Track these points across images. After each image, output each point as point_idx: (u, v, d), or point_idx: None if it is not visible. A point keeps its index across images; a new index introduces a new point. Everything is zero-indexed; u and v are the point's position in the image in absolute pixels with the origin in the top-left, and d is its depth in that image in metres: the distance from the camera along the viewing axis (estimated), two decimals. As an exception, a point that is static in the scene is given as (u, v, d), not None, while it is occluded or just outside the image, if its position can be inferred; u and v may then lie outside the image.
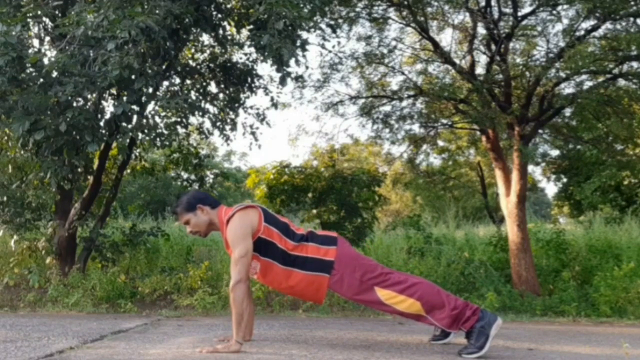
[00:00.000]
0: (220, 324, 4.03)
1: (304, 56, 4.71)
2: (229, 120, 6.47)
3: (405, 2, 6.16)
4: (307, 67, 7.56)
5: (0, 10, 4.51)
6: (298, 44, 4.55)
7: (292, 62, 4.50)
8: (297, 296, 3.20)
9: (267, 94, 6.39)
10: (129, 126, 4.80)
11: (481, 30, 6.43)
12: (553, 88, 6.00)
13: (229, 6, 5.38)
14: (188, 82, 6.19)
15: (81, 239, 5.94)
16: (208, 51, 6.59)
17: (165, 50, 4.78)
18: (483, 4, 6.24)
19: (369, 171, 6.87)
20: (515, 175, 6.08)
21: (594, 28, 5.82)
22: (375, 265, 3.02)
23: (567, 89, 6.29)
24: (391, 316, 4.89)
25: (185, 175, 7.60)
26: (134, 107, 4.80)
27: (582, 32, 5.83)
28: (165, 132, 5.22)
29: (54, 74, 4.32)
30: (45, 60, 4.53)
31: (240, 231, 2.85)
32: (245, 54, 6.34)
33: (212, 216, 3.02)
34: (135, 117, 4.98)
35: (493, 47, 6.15)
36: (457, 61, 6.52)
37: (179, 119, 5.68)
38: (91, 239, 5.82)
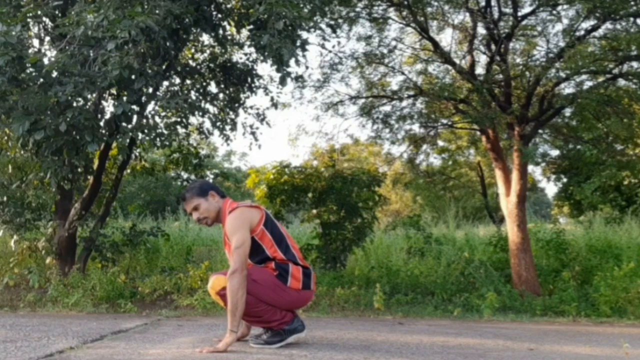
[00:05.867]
0: (220, 324, 4.03)
1: (304, 56, 4.72)
2: (229, 120, 6.47)
3: (405, 2, 6.16)
4: (307, 67, 7.59)
5: (0, 10, 4.50)
6: (298, 44, 4.55)
7: (292, 62, 4.51)
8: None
9: (267, 94, 6.40)
10: (129, 126, 4.80)
11: (481, 30, 6.44)
12: (553, 88, 6.00)
13: (229, 6, 5.38)
14: (188, 82, 6.19)
15: (81, 239, 5.94)
16: (208, 51, 6.59)
17: (165, 50, 4.78)
18: (483, 4, 6.24)
19: (369, 171, 6.86)
20: (515, 175, 6.08)
21: (594, 28, 5.82)
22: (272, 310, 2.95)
23: (567, 89, 6.30)
24: (391, 316, 4.90)
25: (185, 175, 7.61)
26: (134, 107, 4.80)
27: (582, 32, 5.84)
28: (165, 132, 5.22)
29: (54, 74, 4.32)
30: (45, 60, 4.53)
31: (238, 223, 2.89)
32: (245, 54, 6.35)
33: (219, 205, 3.05)
34: (135, 117, 4.98)
35: (493, 47, 6.15)
36: (457, 61, 6.52)
37: (179, 119, 5.68)
38: (91, 239, 5.83)
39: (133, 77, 4.43)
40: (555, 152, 8.47)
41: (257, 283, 2.87)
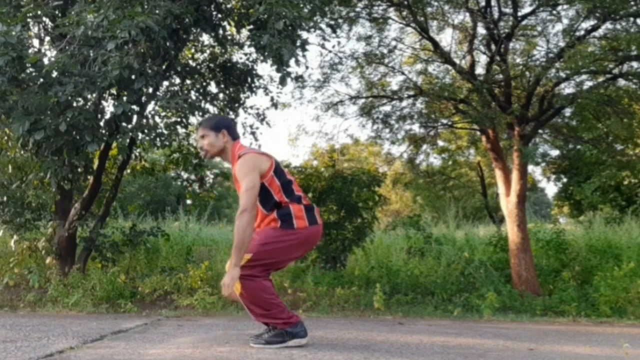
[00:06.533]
0: (221, 324, 4.03)
1: (304, 56, 4.72)
2: (229, 120, 6.46)
3: (405, 2, 6.16)
4: (307, 67, 7.61)
5: (0, 10, 4.51)
6: (298, 44, 4.56)
7: (292, 62, 4.51)
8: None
9: (267, 94, 6.40)
10: (129, 126, 4.80)
11: (481, 30, 6.44)
12: (553, 88, 6.00)
13: (229, 6, 5.38)
14: (188, 82, 6.19)
15: (81, 239, 5.94)
16: (208, 51, 6.59)
17: (165, 50, 4.78)
18: (483, 4, 6.24)
19: (369, 171, 6.86)
20: (515, 175, 6.08)
21: (594, 28, 5.82)
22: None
23: (567, 89, 6.30)
24: (391, 316, 4.90)
25: (185, 175, 7.60)
26: (134, 107, 4.80)
27: (582, 32, 5.83)
28: (165, 132, 5.23)
29: (54, 74, 4.32)
30: (45, 60, 4.53)
31: (248, 168, 2.93)
32: (245, 54, 6.35)
33: (228, 145, 3.11)
34: (135, 117, 4.98)
35: (493, 47, 6.15)
36: (457, 61, 6.52)
37: (179, 119, 5.68)
38: (91, 239, 5.82)
39: (133, 77, 4.43)
40: (555, 152, 8.47)
41: (268, 244, 2.89)
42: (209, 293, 5.08)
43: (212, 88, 6.29)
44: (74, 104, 4.48)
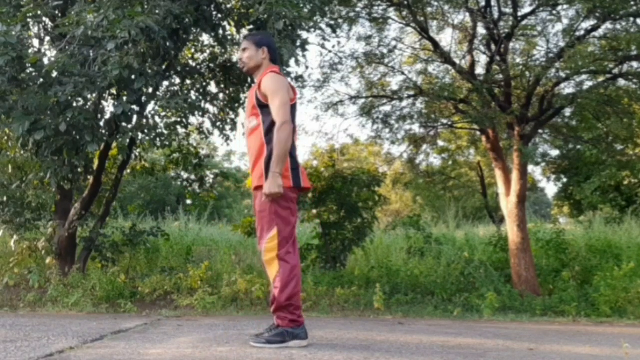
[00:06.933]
0: (221, 324, 4.03)
1: (304, 56, 4.72)
2: (229, 120, 6.48)
3: (405, 2, 6.16)
4: (307, 67, 7.63)
5: (0, 10, 4.51)
6: (298, 44, 4.56)
7: (292, 62, 4.52)
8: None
9: (267, 94, 6.38)
10: (129, 126, 4.80)
11: (481, 30, 6.45)
12: (553, 88, 6.00)
13: (229, 6, 5.39)
14: (188, 82, 6.19)
15: (81, 239, 5.94)
16: (208, 51, 6.59)
17: (165, 50, 4.78)
18: (483, 4, 6.24)
19: (369, 171, 6.86)
20: (515, 175, 6.08)
21: (594, 28, 5.82)
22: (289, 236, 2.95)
23: (567, 89, 6.30)
24: (391, 316, 4.90)
25: (185, 175, 7.60)
26: (134, 107, 4.80)
27: (582, 32, 5.84)
28: (165, 132, 5.23)
29: (54, 74, 4.32)
30: (45, 60, 4.53)
31: (280, 84, 2.96)
32: (246, 54, 6.33)
33: (265, 64, 3.14)
34: (135, 117, 4.98)
35: (493, 47, 6.15)
36: (457, 61, 6.52)
37: (179, 119, 5.68)
38: (91, 239, 5.82)
39: (133, 77, 4.43)
40: (555, 152, 8.48)
41: (278, 211, 2.90)
42: (209, 293, 5.08)
43: (212, 88, 6.29)
44: (74, 104, 4.48)
